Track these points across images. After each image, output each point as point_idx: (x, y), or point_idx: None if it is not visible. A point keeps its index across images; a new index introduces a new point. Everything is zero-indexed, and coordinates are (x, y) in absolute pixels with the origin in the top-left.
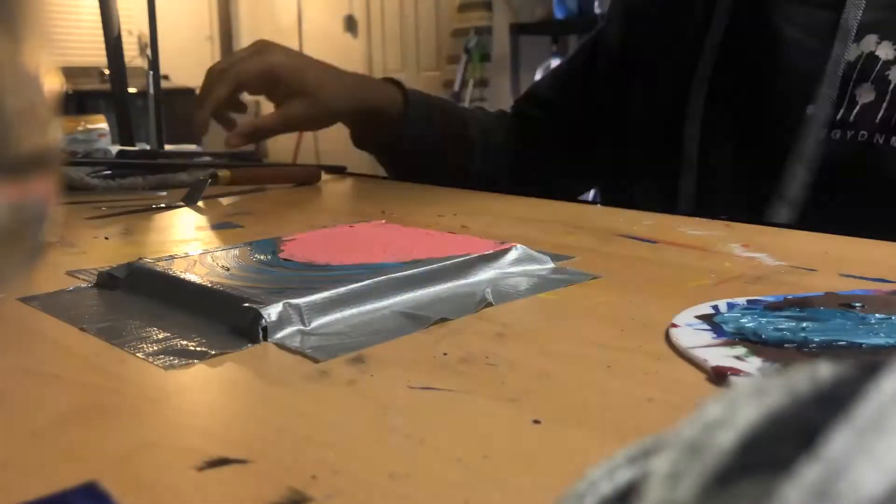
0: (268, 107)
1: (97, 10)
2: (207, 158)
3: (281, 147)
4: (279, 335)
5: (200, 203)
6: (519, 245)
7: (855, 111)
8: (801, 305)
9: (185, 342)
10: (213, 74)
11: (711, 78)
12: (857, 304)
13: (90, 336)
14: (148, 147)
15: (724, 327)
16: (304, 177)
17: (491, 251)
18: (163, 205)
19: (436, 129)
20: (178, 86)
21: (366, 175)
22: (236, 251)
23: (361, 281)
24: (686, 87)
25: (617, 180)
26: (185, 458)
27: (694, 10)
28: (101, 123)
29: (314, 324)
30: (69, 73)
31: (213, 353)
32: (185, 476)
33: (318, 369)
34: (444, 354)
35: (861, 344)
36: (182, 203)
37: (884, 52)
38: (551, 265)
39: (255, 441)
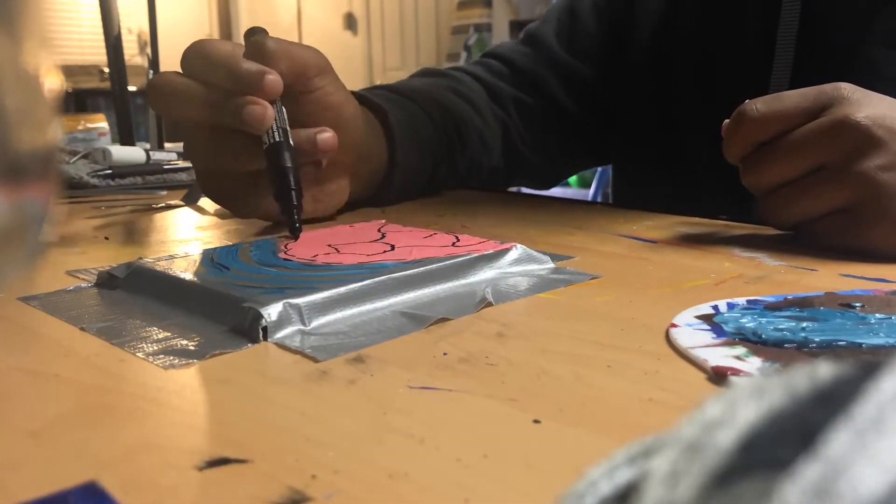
0: None
1: (97, 9)
2: None
3: None
4: (279, 335)
5: (200, 203)
6: (519, 245)
7: None
8: (801, 305)
9: (185, 342)
10: None
11: (792, 77)
12: (857, 304)
13: (90, 336)
14: (148, 146)
15: (724, 327)
16: None
17: (491, 251)
18: (163, 205)
19: (423, 181)
20: None
21: None
22: (236, 251)
23: (361, 281)
24: (763, 87)
25: (683, 181)
26: (185, 458)
27: (752, 16)
28: (101, 122)
29: (314, 324)
30: (69, 71)
31: (214, 352)
32: (185, 476)
33: (318, 369)
34: (444, 354)
35: (861, 344)
36: (182, 203)
37: None
38: (551, 265)
39: (255, 441)
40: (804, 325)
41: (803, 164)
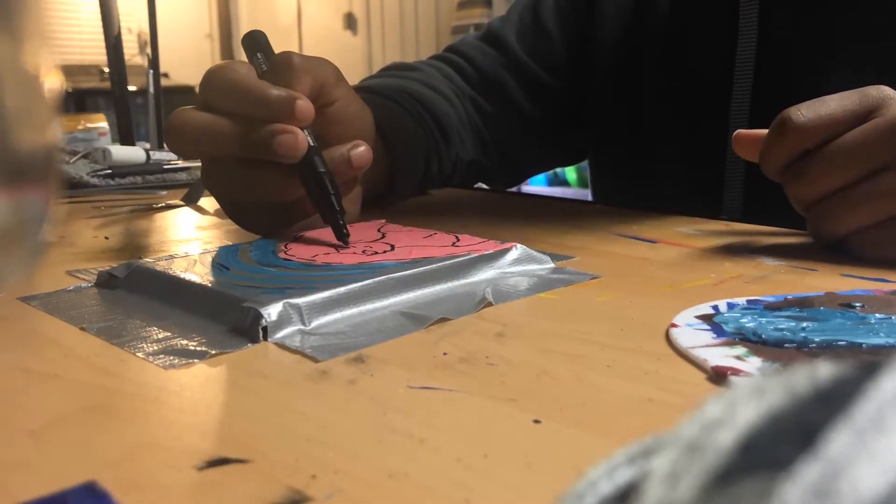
0: None
1: (97, 9)
2: None
3: None
4: (279, 335)
5: (200, 203)
6: (519, 245)
7: None
8: (801, 305)
9: (185, 342)
10: None
11: (754, 88)
12: (857, 304)
13: (90, 336)
14: (148, 146)
15: (724, 327)
16: None
17: (491, 251)
18: (163, 205)
19: (418, 182)
20: (177, 84)
21: None
22: (236, 251)
23: (361, 281)
24: (726, 97)
25: (648, 187)
26: (185, 458)
27: (716, 23)
28: (101, 122)
29: (314, 323)
30: (69, 71)
31: (213, 352)
32: (185, 476)
33: (318, 369)
34: (444, 354)
35: (861, 344)
36: (182, 203)
37: None
38: (551, 265)
39: (255, 441)
40: (804, 325)
41: (861, 169)
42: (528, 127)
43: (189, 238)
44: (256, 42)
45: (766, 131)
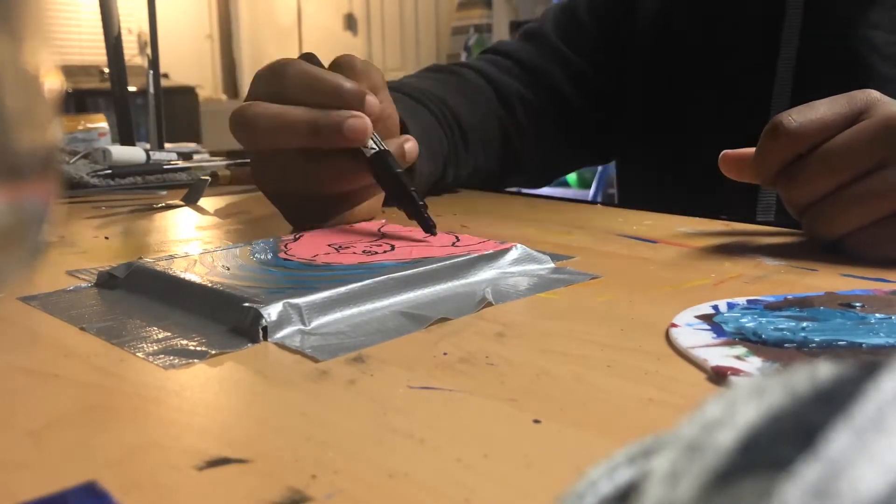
0: None
1: (97, 9)
2: (206, 156)
3: None
4: (279, 335)
5: (200, 203)
6: (519, 245)
7: None
8: (801, 305)
9: (185, 342)
10: None
11: (794, 81)
12: (857, 304)
13: (90, 336)
14: (148, 146)
15: (724, 327)
16: None
17: (491, 251)
18: (163, 205)
19: (430, 185)
20: (178, 84)
21: None
22: (236, 251)
23: (361, 281)
24: (767, 95)
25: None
26: (185, 458)
27: (757, 16)
28: (101, 122)
29: (314, 323)
30: (69, 71)
31: (213, 352)
32: (185, 476)
33: (318, 369)
34: (444, 354)
35: (861, 344)
36: (182, 203)
37: None
38: (551, 265)
39: (255, 441)
40: (804, 325)
41: (854, 169)
42: (571, 116)
43: (189, 238)
44: (312, 61)
45: (751, 150)
